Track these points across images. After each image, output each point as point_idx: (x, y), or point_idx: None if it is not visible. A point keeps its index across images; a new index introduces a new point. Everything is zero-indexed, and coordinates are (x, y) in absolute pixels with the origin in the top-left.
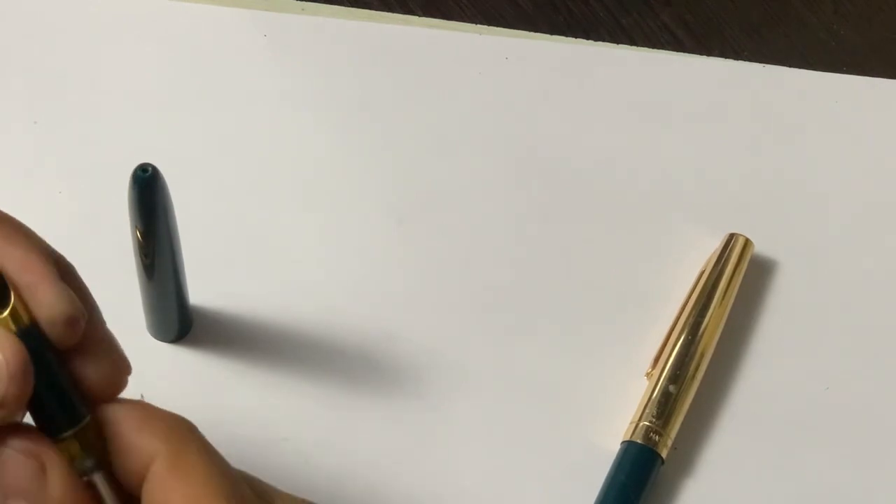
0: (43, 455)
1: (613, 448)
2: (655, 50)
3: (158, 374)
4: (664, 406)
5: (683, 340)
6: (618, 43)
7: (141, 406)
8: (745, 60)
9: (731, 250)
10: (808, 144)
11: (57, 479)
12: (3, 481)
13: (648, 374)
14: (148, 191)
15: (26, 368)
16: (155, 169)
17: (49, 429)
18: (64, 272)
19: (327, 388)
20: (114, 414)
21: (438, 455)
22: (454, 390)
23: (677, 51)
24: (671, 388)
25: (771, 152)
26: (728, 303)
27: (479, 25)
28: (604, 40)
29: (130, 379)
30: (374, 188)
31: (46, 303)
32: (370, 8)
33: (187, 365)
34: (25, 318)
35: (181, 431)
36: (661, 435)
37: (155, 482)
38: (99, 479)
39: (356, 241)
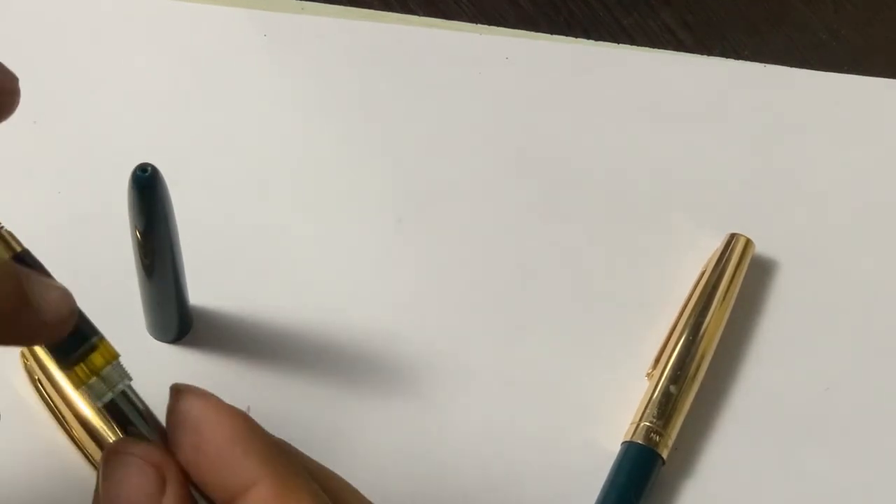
0: (165, 467)
1: (614, 448)
2: (656, 50)
3: (158, 374)
4: (665, 406)
5: (684, 341)
6: (618, 43)
7: (243, 420)
8: (745, 60)
9: (731, 251)
10: (808, 144)
11: (173, 495)
12: (123, 489)
13: (649, 375)
14: (148, 191)
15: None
16: (155, 169)
17: (58, 352)
18: None
19: (327, 388)
20: (213, 428)
21: (438, 455)
22: (454, 390)
23: (678, 51)
24: (672, 388)
25: (771, 152)
26: (729, 303)
27: (479, 25)
28: (604, 40)
29: (133, 379)
30: (374, 188)
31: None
32: (370, 8)
33: (187, 365)
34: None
35: (287, 457)
36: (661, 435)
37: None
38: (120, 404)
39: (356, 240)
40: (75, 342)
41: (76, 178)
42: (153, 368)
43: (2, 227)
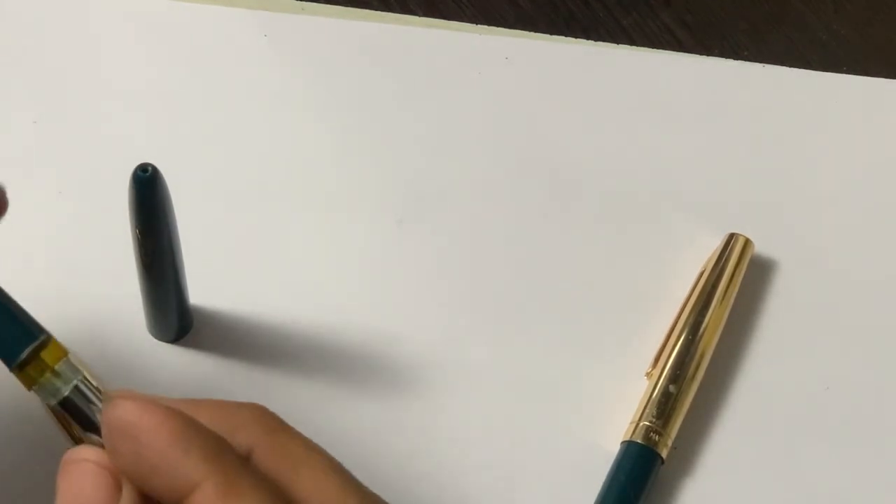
0: (121, 475)
1: (613, 448)
2: (656, 50)
3: (158, 374)
4: (664, 406)
5: (684, 340)
6: (618, 43)
7: (182, 419)
8: (745, 60)
9: (731, 250)
10: (808, 144)
11: (129, 499)
12: (76, 493)
13: (648, 374)
14: (148, 191)
15: None
16: (155, 169)
17: (5, 353)
18: None
19: (327, 388)
20: (150, 431)
21: (438, 455)
22: (454, 390)
23: (677, 51)
24: (671, 387)
25: (771, 152)
26: (728, 303)
27: (479, 25)
28: (604, 40)
29: (130, 379)
30: (374, 188)
31: None
32: (370, 8)
33: (187, 365)
34: None
35: (232, 453)
36: (661, 435)
37: None
38: (74, 400)
39: (356, 241)
40: (24, 342)
41: (76, 178)
42: (153, 368)
43: None
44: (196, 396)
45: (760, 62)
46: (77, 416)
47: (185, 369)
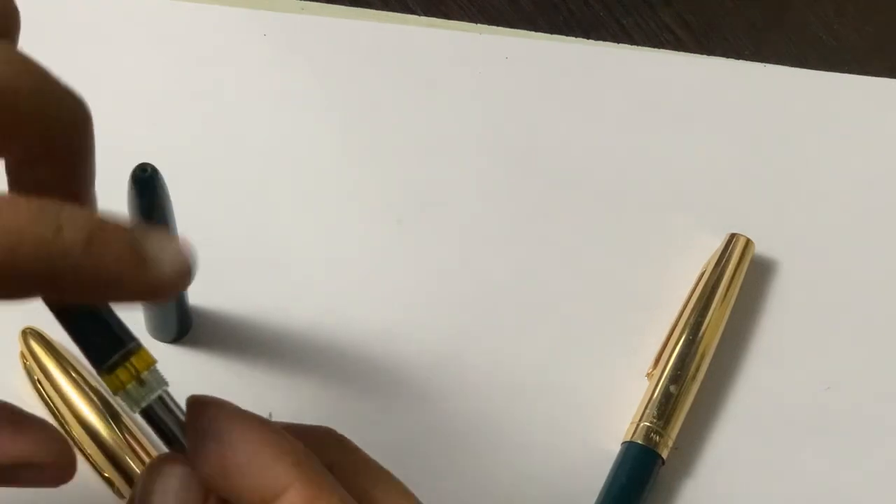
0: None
1: (614, 448)
2: (656, 50)
3: None
4: (665, 406)
5: (684, 341)
6: (618, 43)
7: (269, 427)
8: (745, 60)
9: (731, 250)
10: (808, 144)
11: None
12: (163, 494)
13: (649, 375)
14: (147, 191)
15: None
16: (155, 169)
17: (96, 356)
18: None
19: (327, 388)
20: (239, 436)
21: (438, 455)
22: (454, 390)
23: (678, 51)
24: (672, 388)
25: (771, 152)
26: (729, 303)
27: (479, 25)
28: (604, 40)
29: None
30: (374, 188)
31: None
32: (370, 8)
33: (187, 365)
34: None
35: (316, 461)
36: (661, 435)
37: None
38: (157, 409)
39: (356, 240)
40: (115, 347)
41: None
42: None
43: None
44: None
45: (760, 62)
46: (159, 427)
47: (185, 369)
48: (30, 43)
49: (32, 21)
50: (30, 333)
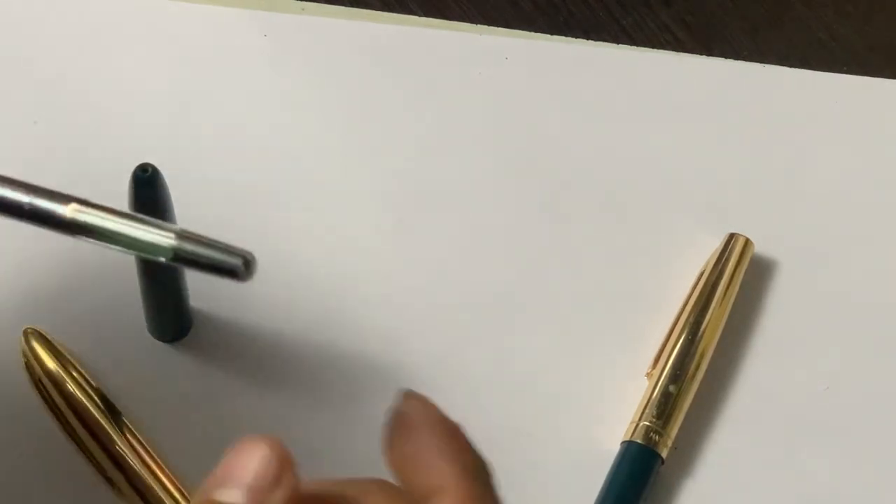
0: (288, 471)
1: (613, 448)
2: (656, 50)
3: (158, 374)
4: (664, 406)
5: (683, 340)
6: (618, 43)
7: (450, 425)
8: (745, 60)
9: (731, 250)
10: (808, 144)
11: (282, 493)
12: (241, 466)
13: (648, 374)
14: (148, 191)
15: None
16: (155, 169)
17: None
18: None
19: (327, 389)
20: (419, 428)
21: None
22: (454, 390)
23: (678, 51)
24: (671, 388)
25: (771, 152)
26: (728, 303)
27: (479, 25)
28: (604, 40)
29: (130, 379)
30: (374, 188)
31: None
32: (370, 8)
33: (187, 365)
34: None
35: (484, 469)
36: (661, 435)
37: None
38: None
39: (355, 240)
40: None
41: (76, 177)
42: (153, 368)
43: None
44: (195, 397)
45: (760, 62)
46: None
47: (184, 369)
48: (30, 43)
49: (33, 21)
50: (31, 333)
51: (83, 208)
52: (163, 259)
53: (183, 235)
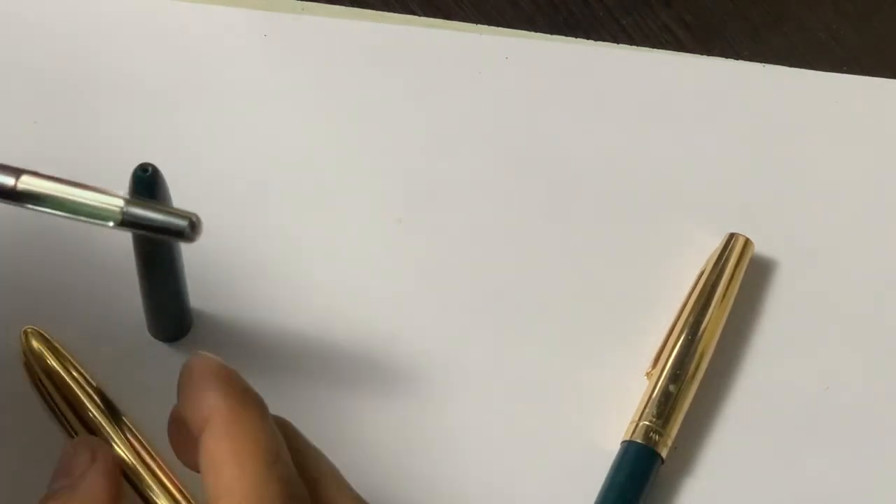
0: (96, 446)
1: (613, 448)
2: (655, 50)
3: (158, 374)
4: (664, 406)
5: (683, 340)
6: (618, 43)
7: (208, 361)
8: (745, 60)
9: (731, 250)
10: (808, 144)
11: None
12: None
13: (648, 374)
14: (148, 191)
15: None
16: (155, 169)
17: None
18: None
19: (326, 388)
20: (188, 366)
21: (438, 455)
22: (454, 390)
23: (678, 51)
24: (671, 387)
25: (771, 152)
26: (728, 303)
27: (479, 25)
28: (604, 40)
29: (130, 379)
30: (374, 188)
31: None
32: (370, 8)
33: None
34: None
35: (240, 393)
36: (661, 435)
37: (209, 433)
38: None
39: (356, 240)
40: None
41: (76, 178)
42: (153, 368)
43: None
44: None
45: (760, 62)
46: None
47: None
48: (30, 43)
49: (33, 21)
50: (30, 333)
51: (32, 179)
52: (111, 224)
53: (129, 200)
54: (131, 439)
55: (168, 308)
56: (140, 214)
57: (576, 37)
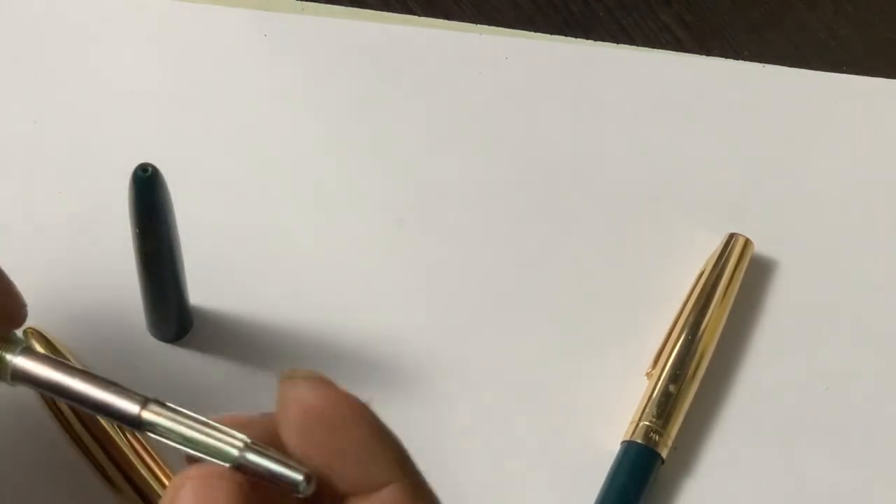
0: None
1: (613, 448)
2: (655, 50)
3: (158, 374)
4: (664, 406)
5: (683, 340)
6: (618, 43)
7: (372, 415)
8: (745, 60)
9: (731, 250)
10: (808, 144)
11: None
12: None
13: (648, 374)
14: (148, 191)
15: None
16: (155, 169)
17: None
18: None
19: None
20: (348, 409)
21: (438, 455)
22: (454, 391)
23: (677, 51)
24: (671, 387)
25: (771, 152)
26: (728, 302)
27: (479, 25)
28: (604, 40)
29: (130, 379)
30: (374, 188)
31: None
32: (370, 8)
33: (187, 365)
34: None
35: (419, 471)
36: (661, 435)
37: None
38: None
39: (356, 241)
40: None
41: (76, 178)
42: (153, 368)
43: None
44: (196, 396)
45: (760, 62)
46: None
47: (185, 369)
48: (31, 43)
49: (33, 21)
50: (31, 333)
51: (157, 410)
52: (227, 465)
53: (248, 445)
54: (131, 439)
55: (168, 308)
56: (256, 462)
57: (576, 37)
